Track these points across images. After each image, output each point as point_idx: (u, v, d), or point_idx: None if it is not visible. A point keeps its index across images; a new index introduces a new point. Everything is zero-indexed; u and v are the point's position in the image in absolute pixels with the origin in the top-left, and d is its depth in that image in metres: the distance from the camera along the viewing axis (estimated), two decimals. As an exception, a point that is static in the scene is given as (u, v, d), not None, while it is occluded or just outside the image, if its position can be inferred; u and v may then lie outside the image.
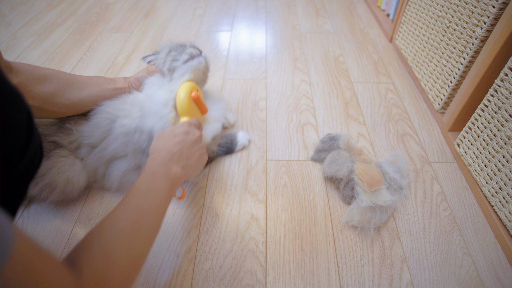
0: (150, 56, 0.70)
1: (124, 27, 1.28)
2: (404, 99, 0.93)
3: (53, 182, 0.60)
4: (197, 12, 1.39)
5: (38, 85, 0.55)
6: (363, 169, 0.66)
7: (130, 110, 0.63)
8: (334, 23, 1.30)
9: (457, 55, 0.75)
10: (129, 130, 0.62)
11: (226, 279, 0.56)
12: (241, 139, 0.78)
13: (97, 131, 0.63)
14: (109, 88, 0.65)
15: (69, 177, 0.62)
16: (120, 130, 0.62)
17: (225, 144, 0.76)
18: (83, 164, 0.64)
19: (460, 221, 0.64)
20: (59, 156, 0.61)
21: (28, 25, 1.31)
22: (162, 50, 0.68)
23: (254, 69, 1.05)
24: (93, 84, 0.63)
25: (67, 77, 0.61)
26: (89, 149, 0.64)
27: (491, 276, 0.56)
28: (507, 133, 0.58)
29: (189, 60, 0.65)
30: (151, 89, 0.65)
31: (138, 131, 0.62)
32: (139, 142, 0.62)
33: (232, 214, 0.66)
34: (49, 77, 0.57)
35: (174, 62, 0.65)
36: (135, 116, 0.62)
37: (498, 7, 0.62)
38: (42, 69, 0.57)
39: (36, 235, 0.62)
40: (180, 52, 0.66)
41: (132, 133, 0.62)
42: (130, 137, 0.62)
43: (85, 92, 0.61)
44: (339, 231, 0.63)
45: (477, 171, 0.67)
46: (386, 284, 0.55)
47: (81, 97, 0.61)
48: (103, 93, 0.64)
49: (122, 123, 0.62)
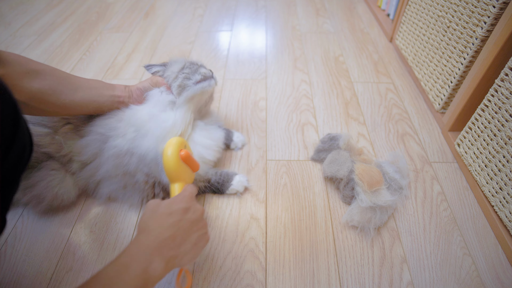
0: (156, 66, 0.67)
1: (124, 27, 1.28)
2: (404, 99, 0.93)
3: (41, 195, 0.59)
4: (197, 12, 1.39)
5: (27, 79, 0.51)
6: (363, 169, 0.66)
7: (125, 129, 0.59)
8: (334, 23, 1.30)
9: (457, 55, 0.75)
10: (120, 152, 0.58)
11: (226, 279, 0.56)
12: (236, 184, 0.68)
13: (88, 151, 0.60)
14: (106, 94, 0.61)
15: (58, 193, 0.60)
16: (111, 152, 0.59)
17: (215, 184, 0.67)
18: (74, 179, 0.63)
19: (460, 221, 0.64)
20: (49, 168, 0.59)
21: (27, 25, 1.31)
22: (173, 64, 0.66)
23: (254, 69, 1.05)
24: (89, 87, 0.59)
25: (61, 75, 0.56)
26: (80, 164, 0.62)
27: (492, 276, 0.56)
28: (507, 133, 0.58)
29: (201, 81, 0.63)
30: (155, 109, 0.61)
31: (128, 153, 0.58)
32: (128, 164, 0.59)
33: (232, 214, 0.65)
34: (41, 72, 0.53)
35: (186, 80, 0.63)
36: (129, 137, 0.58)
37: (498, 7, 0.62)
38: (36, 63, 0.53)
39: (35, 236, 0.62)
40: (193, 71, 0.64)
41: (122, 155, 0.59)
42: (120, 159, 0.59)
43: (79, 94, 0.57)
44: (339, 231, 0.63)
45: (478, 171, 0.67)
46: (386, 284, 0.55)
47: (73, 99, 0.56)
48: (98, 98, 0.60)
49: (114, 144, 0.59)
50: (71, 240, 0.61)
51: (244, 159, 0.76)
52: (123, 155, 0.59)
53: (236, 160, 0.76)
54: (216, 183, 0.67)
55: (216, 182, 0.67)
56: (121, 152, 0.58)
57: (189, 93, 0.62)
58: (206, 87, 0.63)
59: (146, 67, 0.67)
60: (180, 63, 0.65)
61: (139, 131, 0.58)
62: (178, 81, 0.63)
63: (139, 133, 0.58)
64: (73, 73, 1.02)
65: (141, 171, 0.60)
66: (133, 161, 0.59)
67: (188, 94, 0.62)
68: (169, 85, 0.64)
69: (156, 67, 0.67)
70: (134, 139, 0.58)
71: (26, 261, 0.58)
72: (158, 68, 0.66)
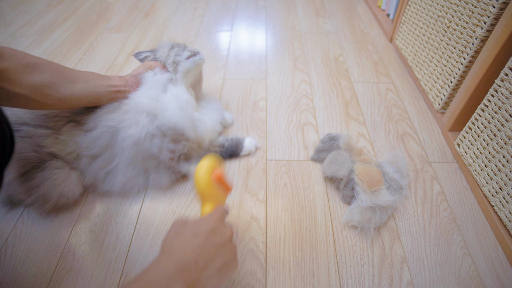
0: (145, 52, 0.71)
1: (124, 27, 1.28)
2: (404, 99, 0.93)
3: (47, 194, 0.59)
4: (197, 12, 1.39)
5: (26, 73, 0.52)
6: (363, 169, 0.66)
7: (135, 118, 0.62)
8: (334, 23, 1.30)
9: (457, 55, 0.75)
10: (138, 139, 0.61)
11: (226, 279, 0.56)
12: (248, 144, 0.77)
13: (98, 144, 0.62)
14: (103, 84, 0.62)
15: (64, 191, 0.61)
16: (128, 141, 0.61)
17: (230, 147, 0.75)
18: (78, 176, 0.64)
19: (460, 221, 0.64)
20: (53, 167, 0.60)
21: (28, 25, 1.31)
22: (161, 46, 0.70)
23: (254, 69, 1.05)
24: (86, 79, 0.61)
25: (59, 68, 0.58)
26: (89, 159, 0.63)
27: (491, 276, 0.56)
28: (507, 133, 0.58)
29: (191, 56, 0.68)
30: (153, 90, 0.65)
31: (147, 138, 0.61)
32: (150, 148, 0.62)
33: (232, 214, 0.65)
34: (39, 66, 0.54)
35: (178, 57, 0.68)
36: (143, 123, 0.61)
37: (498, 7, 0.62)
38: (33, 57, 0.54)
39: (35, 236, 0.62)
40: (182, 49, 0.69)
41: (142, 141, 0.61)
42: (139, 146, 0.62)
43: (78, 86, 0.59)
44: (339, 231, 0.63)
45: (477, 171, 0.67)
46: (386, 284, 0.55)
47: (73, 91, 0.58)
48: (96, 89, 0.61)
49: (129, 134, 0.61)
50: (71, 240, 0.61)
51: (244, 159, 0.76)
52: (143, 141, 0.61)
53: (236, 160, 0.76)
54: (231, 147, 0.75)
55: (230, 146, 0.75)
56: (139, 139, 0.61)
57: (184, 67, 0.67)
58: (198, 61, 0.68)
59: (135, 55, 0.72)
60: (168, 44, 0.70)
61: (152, 113, 0.62)
62: (171, 58, 0.67)
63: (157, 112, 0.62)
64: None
65: (165, 150, 0.63)
66: (155, 143, 0.62)
67: (184, 68, 0.67)
68: (163, 64, 0.69)
69: (145, 53, 0.71)
70: (151, 122, 0.62)
71: (26, 261, 0.58)
72: (147, 53, 0.71)
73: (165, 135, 0.63)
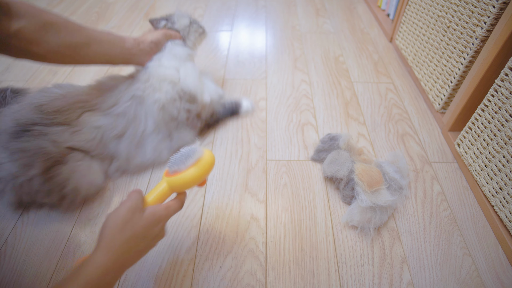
0: (162, 20, 0.76)
1: (124, 27, 1.28)
2: (404, 99, 0.93)
3: (78, 186, 0.61)
4: (197, 12, 1.39)
5: (43, 32, 0.53)
6: (363, 169, 0.66)
7: (159, 84, 0.69)
8: (334, 23, 1.30)
9: (457, 55, 0.75)
10: (165, 102, 0.68)
11: (226, 279, 0.56)
12: (246, 103, 0.86)
13: (122, 120, 0.65)
14: (118, 46, 0.66)
15: (91, 180, 0.63)
16: (155, 107, 0.67)
17: (230, 107, 0.84)
18: (99, 163, 0.65)
19: (460, 221, 0.64)
20: (75, 160, 0.61)
21: (28, 25, 1.31)
22: (180, 17, 0.78)
23: (254, 69, 1.05)
24: (101, 40, 0.63)
25: (75, 28, 0.59)
26: (116, 141, 0.65)
27: (492, 276, 0.56)
28: (507, 133, 0.58)
29: (203, 32, 0.82)
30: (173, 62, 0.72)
31: (171, 101, 0.69)
32: (173, 109, 0.70)
33: (232, 214, 0.66)
34: (56, 25, 0.55)
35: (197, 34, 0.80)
36: (166, 89, 0.69)
37: (498, 7, 0.62)
38: (50, 14, 0.55)
39: (35, 236, 0.62)
40: (198, 26, 0.81)
41: (169, 104, 0.69)
42: (166, 109, 0.69)
43: (92, 48, 0.61)
44: (339, 231, 0.63)
45: (478, 171, 0.67)
46: (386, 284, 0.55)
47: (87, 53, 0.61)
48: (110, 51, 0.65)
49: (155, 99, 0.67)
50: (71, 240, 0.61)
51: (244, 159, 0.76)
52: (171, 103, 0.69)
53: (236, 160, 0.76)
54: (231, 107, 0.85)
55: (230, 106, 0.85)
56: (166, 102, 0.69)
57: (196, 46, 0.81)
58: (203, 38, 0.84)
59: (152, 21, 0.76)
60: (185, 16, 0.79)
61: (173, 81, 0.70)
62: (193, 36, 0.79)
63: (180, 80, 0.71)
64: (74, 73, 1.02)
65: (183, 110, 0.72)
66: (176, 105, 0.70)
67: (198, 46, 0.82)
68: (183, 37, 0.77)
69: (163, 21, 0.77)
70: (173, 88, 0.70)
71: (26, 261, 0.58)
72: (164, 21, 0.77)
73: (182, 98, 0.71)
